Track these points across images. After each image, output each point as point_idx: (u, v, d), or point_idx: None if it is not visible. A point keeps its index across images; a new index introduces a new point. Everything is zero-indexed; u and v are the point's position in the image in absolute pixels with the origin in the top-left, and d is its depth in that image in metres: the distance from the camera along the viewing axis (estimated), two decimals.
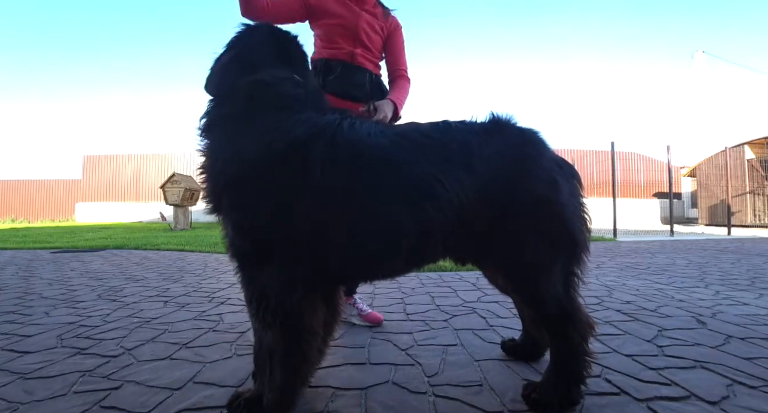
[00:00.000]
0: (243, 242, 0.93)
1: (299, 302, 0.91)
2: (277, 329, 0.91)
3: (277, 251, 0.91)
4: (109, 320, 1.83)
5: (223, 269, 3.36)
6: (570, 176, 1.10)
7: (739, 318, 1.80)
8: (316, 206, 0.90)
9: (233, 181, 0.93)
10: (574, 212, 1.02)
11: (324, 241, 0.91)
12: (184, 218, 9.22)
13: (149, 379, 1.19)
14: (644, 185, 14.63)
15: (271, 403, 0.93)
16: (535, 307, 1.02)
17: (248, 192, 0.91)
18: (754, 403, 1.02)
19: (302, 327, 0.92)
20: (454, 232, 0.96)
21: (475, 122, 1.07)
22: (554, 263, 0.99)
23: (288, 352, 0.92)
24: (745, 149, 11.64)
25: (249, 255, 0.93)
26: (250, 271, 0.94)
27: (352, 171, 0.92)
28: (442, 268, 3.21)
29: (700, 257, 4.12)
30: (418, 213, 0.91)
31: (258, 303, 0.91)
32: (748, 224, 11.19)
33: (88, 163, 15.41)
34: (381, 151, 0.95)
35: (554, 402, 0.97)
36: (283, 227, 0.90)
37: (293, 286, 0.91)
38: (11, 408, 1.02)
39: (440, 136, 1.00)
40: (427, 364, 1.30)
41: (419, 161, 0.94)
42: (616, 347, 1.43)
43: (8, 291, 2.49)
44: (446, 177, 0.93)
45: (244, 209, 0.92)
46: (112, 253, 4.64)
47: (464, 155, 0.97)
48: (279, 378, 0.93)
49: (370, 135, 0.97)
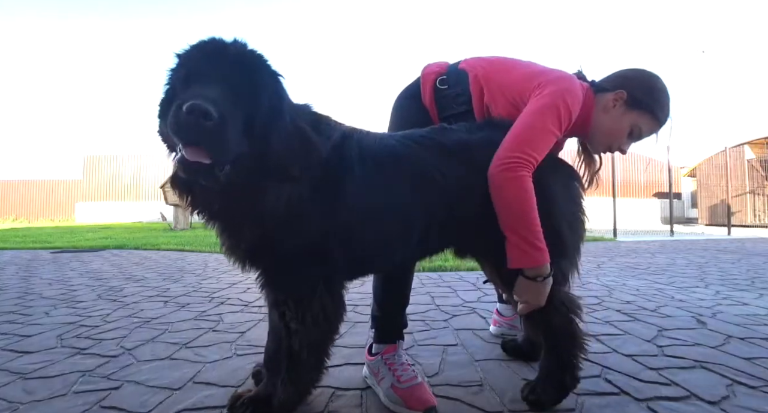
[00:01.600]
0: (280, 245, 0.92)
1: (338, 302, 0.95)
2: (317, 330, 0.91)
3: (318, 253, 0.92)
4: (109, 320, 1.83)
5: (223, 269, 3.36)
6: (569, 176, 1.10)
7: (739, 318, 1.80)
8: (354, 203, 0.92)
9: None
10: (564, 207, 1.04)
11: (357, 236, 0.94)
12: (184, 218, 9.22)
13: (149, 379, 1.19)
14: (644, 185, 14.63)
15: (284, 403, 0.93)
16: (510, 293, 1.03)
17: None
18: (754, 403, 1.02)
19: (336, 327, 0.96)
20: (459, 223, 1.01)
21: (470, 123, 1.11)
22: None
23: (317, 352, 0.95)
24: (745, 149, 11.64)
25: (286, 257, 0.91)
26: (286, 273, 0.92)
27: (376, 170, 0.95)
28: (442, 268, 3.21)
29: (700, 257, 4.12)
30: (428, 205, 0.97)
31: (297, 305, 0.90)
32: (748, 224, 11.19)
33: (88, 163, 15.42)
34: (394, 151, 1.00)
35: (550, 398, 0.99)
36: (326, 226, 0.91)
37: (333, 286, 0.94)
38: (11, 408, 1.02)
39: (439, 136, 1.05)
40: (427, 364, 1.30)
41: (425, 157, 0.99)
42: (616, 347, 1.43)
43: (8, 291, 2.49)
44: (449, 171, 0.99)
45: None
46: (112, 253, 4.64)
47: (464, 150, 1.02)
48: (300, 378, 0.94)
49: (381, 139, 1.03)
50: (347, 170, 0.93)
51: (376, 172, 0.95)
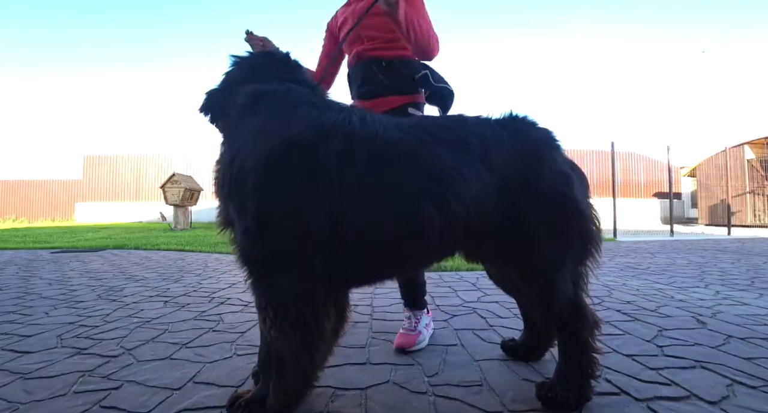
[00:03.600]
0: (254, 249, 0.90)
1: (318, 312, 0.90)
2: (295, 338, 0.88)
3: (292, 258, 0.88)
4: (109, 320, 1.83)
5: (223, 269, 3.36)
6: (580, 177, 1.11)
7: (739, 318, 1.80)
8: (335, 208, 0.87)
9: (236, 186, 0.91)
10: (587, 209, 1.04)
11: (344, 243, 0.89)
12: (184, 218, 9.22)
13: (149, 379, 1.19)
14: (644, 185, 14.63)
15: (275, 405, 0.92)
16: (548, 305, 1.02)
17: (253, 197, 0.88)
18: (754, 403, 1.02)
19: (318, 335, 0.91)
20: (473, 227, 0.94)
21: (490, 118, 1.07)
22: (567, 261, 1.01)
23: (300, 359, 0.91)
24: (745, 149, 11.63)
25: (262, 262, 0.90)
26: (266, 278, 0.90)
27: (374, 169, 0.89)
28: (442, 268, 3.20)
29: (700, 257, 4.12)
30: (443, 207, 0.89)
31: (275, 312, 0.88)
32: (748, 224, 11.19)
33: (88, 163, 15.39)
34: (401, 146, 0.92)
35: (570, 398, 0.98)
36: (296, 232, 0.87)
37: (312, 294, 0.89)
38: (11, 408, 1.02)
39: (458, 128, 0.99)
40: (427, 364, 1.30)
41: (439, 153, 0.92)
42: (616, 347, 1.43)
43: (8, 291, 2.49)
44: (467, 170, 0.92)
45: (252, 215, 0.89)
46: (112, 253, 4.64)
47: (482, 148, 0.96)
48: (287, 383, 0.92)
49: (386, 130, 0.94)
50: (321, 172, 0.87)
51: (369, 175, 0.89)
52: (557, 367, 1.05)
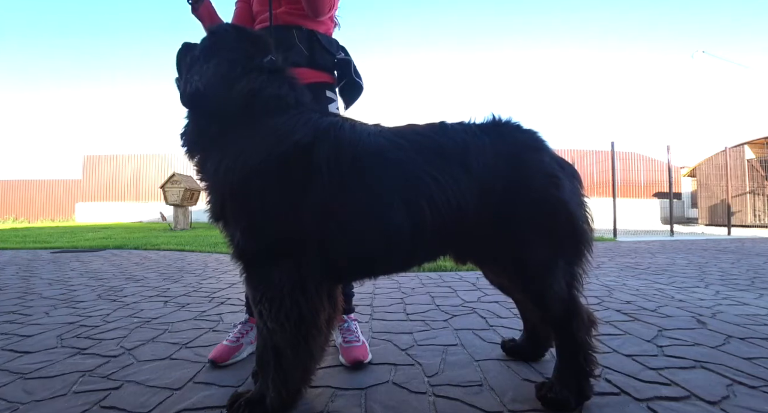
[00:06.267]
0: (252, 245, 0.93)
1: (313, 301, 0.93)
2: (291, 328, 0.91)
3: (288, 252, 0.92)
4: (109, 320, 1.83)
5: (223, 269, 3.36)
6: (571, 176, 1.10)
7: (739, 318, 1.80)
8: (323, 205, 0.92)
9: (239, 187, 0.93)
10: (577, 209, 1.03)
11: (331, 239, 0.93)
12: (184, 218, 9.22)
13: (149, 379, 1.19)
14: (644, 185, 14.63)
15: (275, 402, 0.93)
16: (542, 307, 1.02)
17: (256, 196, 0.92)
18: (754, 403, 1.02)
19: (314, 325, 0.94)
20: (452, 230, 0.96)
21: (472, 123, 1.08)
22: (558, 262, 1.00)
23: (299, 351, 0.93)
24: (745, 149, 11.63)
25: (258, 256, 0.94)
26: (260, 272, 0.94)
27: (354, 170, 0.94)
28: (442, 268, 3.21)
29: (700, 257, 4.12)
30: (414, 211, 0.93)
31: (270, 304, 0.91)
32: (748, 224, 11.19)
33: (88, 163, 15.40)
34: (380, 150, 0.97)
35: (570, 398, 0.98)
36: (293, 227, 0.91)
37: (306, 285, 0.92)
38: (11, 408, 1.02)
39: (437, 136, 1.01)
40: (427, 364, 1.30)
41: (415, 159, 0.96)
42: (616, 347, 1.43)
43: (8, 291, 2.49)
44: (442, 175, 0.95)
45: (253, 214, 0.93)
46: (112, 253, 4.64)
47: (461, 154, 0.98)
48: (287, 377, 0.93)
49: (369, 135, 0.99)
50: (314, 172, 0.92)
51: (352, 176, 0.93)
52: (556, 367, 1.05)
